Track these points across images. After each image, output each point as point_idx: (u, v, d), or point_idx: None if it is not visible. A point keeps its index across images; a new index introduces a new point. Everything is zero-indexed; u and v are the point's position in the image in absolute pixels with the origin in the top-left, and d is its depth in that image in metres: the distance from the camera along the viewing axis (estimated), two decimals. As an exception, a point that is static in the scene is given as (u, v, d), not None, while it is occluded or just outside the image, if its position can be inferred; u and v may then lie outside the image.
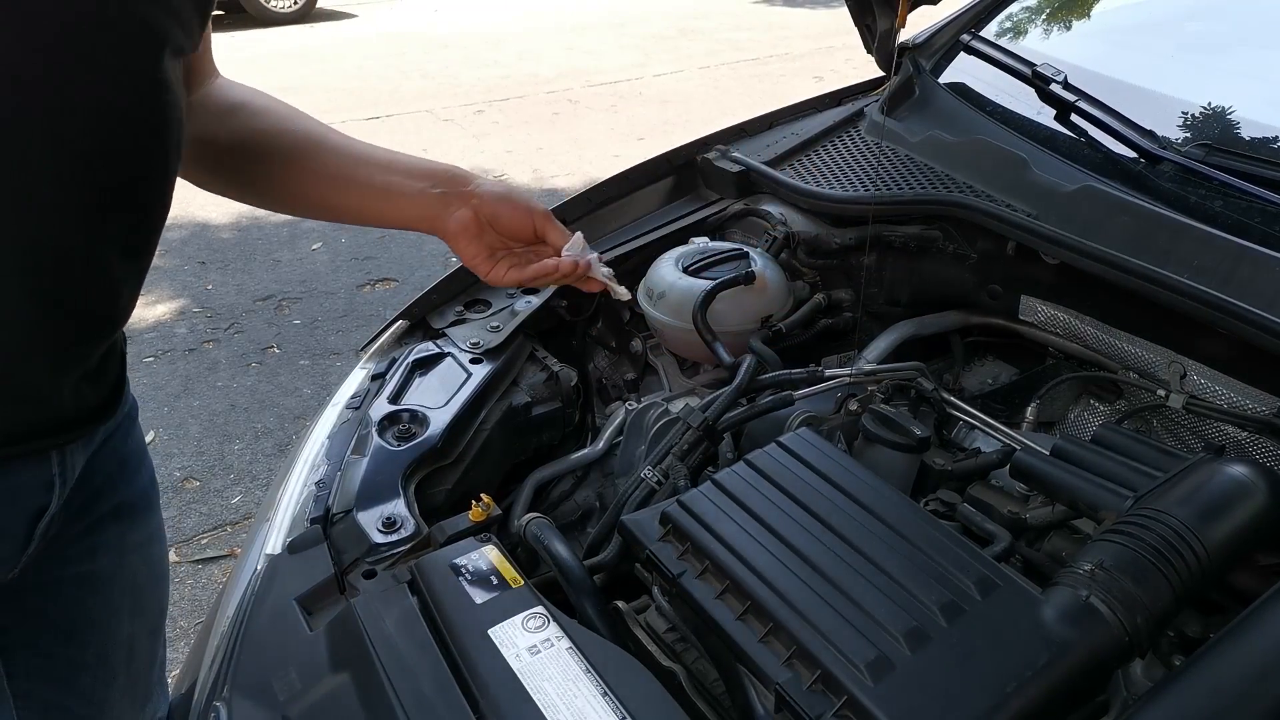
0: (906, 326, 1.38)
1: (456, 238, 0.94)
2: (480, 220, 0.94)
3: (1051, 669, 0.77)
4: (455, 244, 0.95)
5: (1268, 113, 1.35)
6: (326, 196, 0.96)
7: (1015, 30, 1.81)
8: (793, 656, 0.81)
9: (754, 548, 0.90)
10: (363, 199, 0.95)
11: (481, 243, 0.95)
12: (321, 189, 0.96)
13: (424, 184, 0.94)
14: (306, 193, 0.96)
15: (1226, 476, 0.90)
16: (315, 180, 0.95)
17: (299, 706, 0.86)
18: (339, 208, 0.97)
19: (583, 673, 0.81)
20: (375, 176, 0.95)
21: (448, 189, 0.94)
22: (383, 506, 1.04)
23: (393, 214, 0.96)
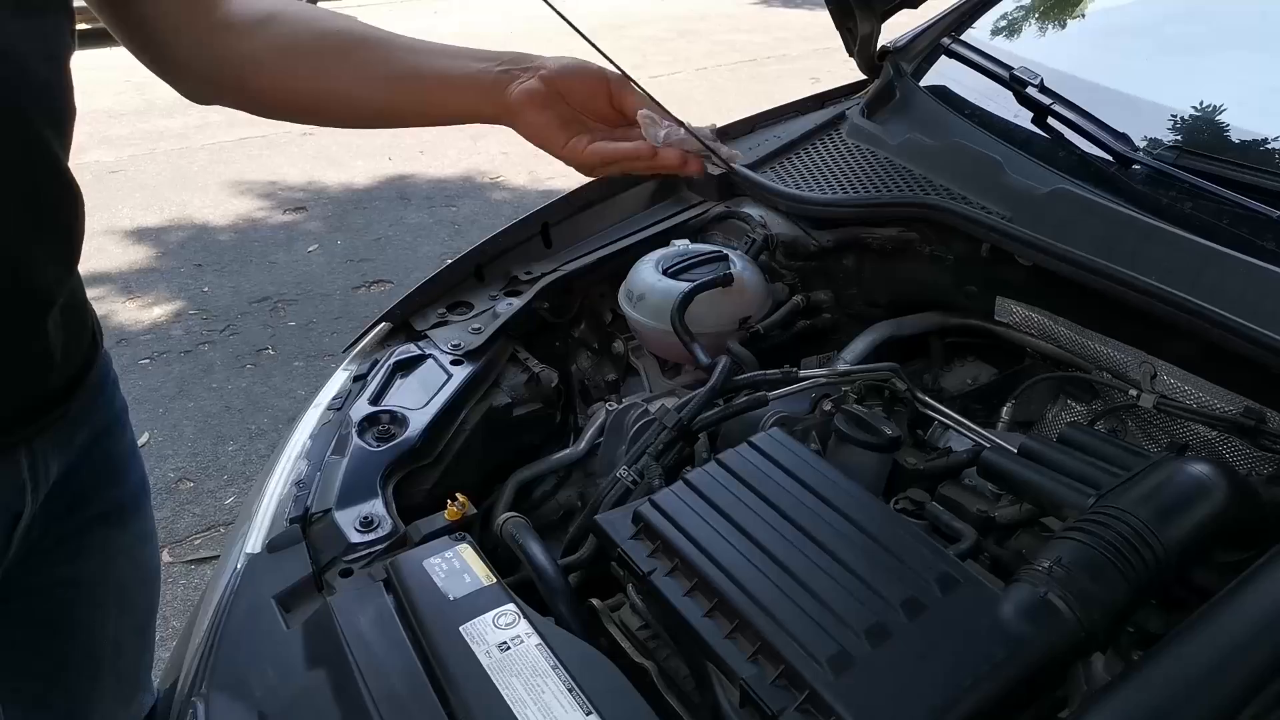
0: (885, 327, 1.40)
1: (522, 109, 0.82)
2: (549, 90, 0.81)
3: (1009, 663, 0.78)
4: (521, 118, 0.82)
5: (1241, 116, 1.37)
6: (379, 96, 0.88)
7: (1009, 29, 1.83)
8: (758, 652, 0.83)
9: (722, 546, 0.91)
10: (419, 92, 0.87)
11: (553, 113, 0.82)
12: (372, 89, 0.87)
13: (484, 63, 0.84)
14: (357, 97, 0.88)
15: (1186, 475, 0.91)
16: (365, 81, 0.87)
17: (275, 703, 0.87)
18: (394, 107, 0.89)
19: (550, 668, 0.83)
20: (428, 64, 0.86)
21: (511, 65, 0.83)
22: (361, 506, 1.05)
23: (454, 102, 0.86)
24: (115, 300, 3.56)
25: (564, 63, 0.83)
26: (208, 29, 0.87)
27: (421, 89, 0.86)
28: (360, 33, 0.89)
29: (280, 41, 0.87)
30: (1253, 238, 1.13)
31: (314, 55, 0.87)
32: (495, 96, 0.82)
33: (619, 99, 0.81)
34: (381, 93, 0.87)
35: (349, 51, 0.88)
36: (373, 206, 4.54)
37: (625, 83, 0.82)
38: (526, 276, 1.43)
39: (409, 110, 0.90)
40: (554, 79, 0.81)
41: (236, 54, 0.87)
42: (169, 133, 5.38)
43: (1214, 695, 0.74)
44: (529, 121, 0.82)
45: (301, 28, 0.88)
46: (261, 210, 4.48)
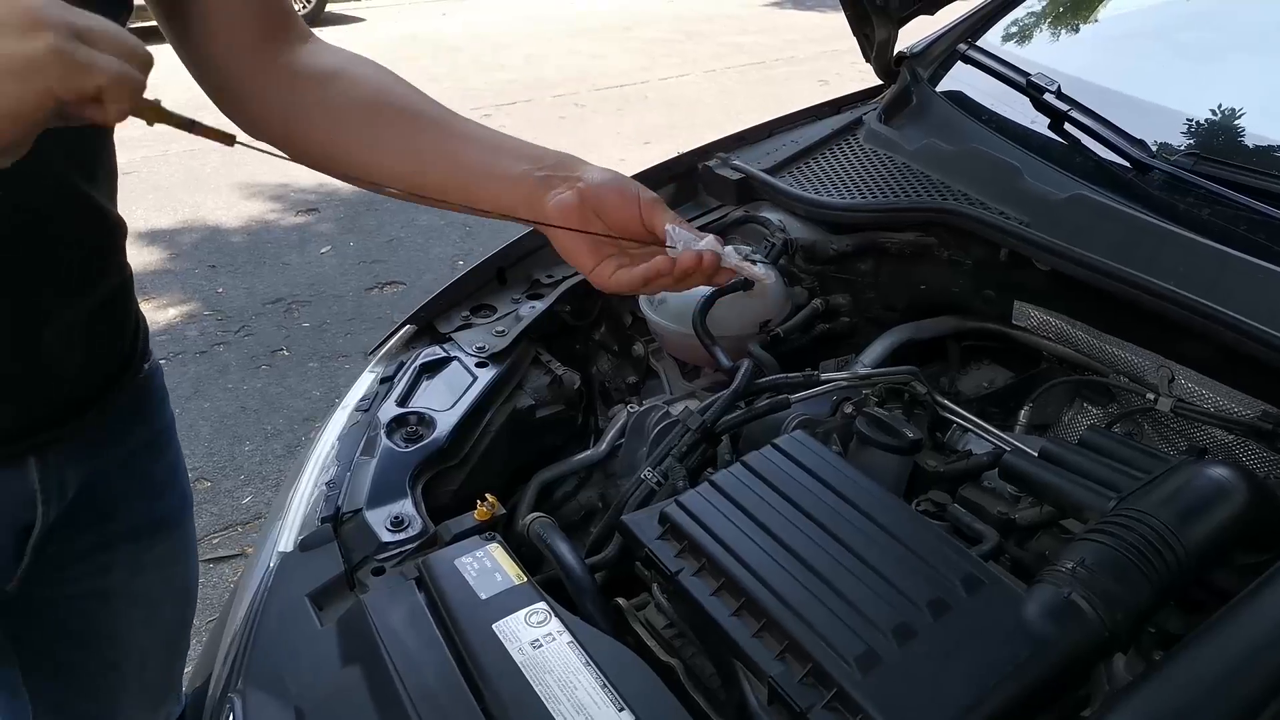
0: (903, 331, 1.41)
1: (555, 224, 0.82)
2: (584, 206, 0.81)
3: (1033, 663, 0.80)
4: (554, 233, 0.83)
5: (1257, 121, 1.38)
6: (420, 177, 0.87)
7: (1021, 35, 1.84)
8: (785, 651, 0.85)
9: (749, 546, 0.93)
10: (460, 181, 0.86)
11: (580, 238, 0.82)
12: (415, 169, 0.87)
13: (526, 165, 0.84)
14: (398, 173, 0.87)
15: (1207, 478, 0.93)
16: (408, 160, 0.87)
17: (311, 699, 0.89)
18: (432, 187, 0.88)
19: (583, 665, 0.84)
20: (475, 157, 0.86)
21: (552, 172, 0.83)
22: (391, 506, 1.07)
23: (491, 198, 0.86)
24: (130, 301, 3.59)
25: (602, 178, 0.82)
26: (271, 71, 0.87)
27: (463, 180, 0.86)
28: (416, 108, 0.88)
29: (337, 102, 0.87)
30: (1269, 243, 1.15)
31: (365, 125, 0.87)
32: (532, 203, 0.83)
33: (649, 217, 0.82)
34: (423, 174, 0.87)
35: (400, 128, 0.87)
36: (384, 208, 4.56)
37: (656, 203, 0.82)
38: (548, 280, 1.45)
39: (444, 193, 0.89)
40: (589, 195, 0.81)
41: (290, 104, 0.87)
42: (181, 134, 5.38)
43: (1233, 695, 0.75)
44: (562, 239, 0.83)
45: (361, 93, 0.88)
46: (274, 212, 4.51)
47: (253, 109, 0.88)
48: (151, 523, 1.03)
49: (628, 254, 0.83)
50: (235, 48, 0.85)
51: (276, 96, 0.87)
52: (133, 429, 0.98)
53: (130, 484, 0.99)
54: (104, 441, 0.94)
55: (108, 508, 0.96)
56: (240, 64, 0.86)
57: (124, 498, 0.98)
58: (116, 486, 0.96)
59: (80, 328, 0.86)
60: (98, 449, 0.93)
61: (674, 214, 0.83)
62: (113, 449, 0.95)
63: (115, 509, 0.97)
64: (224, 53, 0.86)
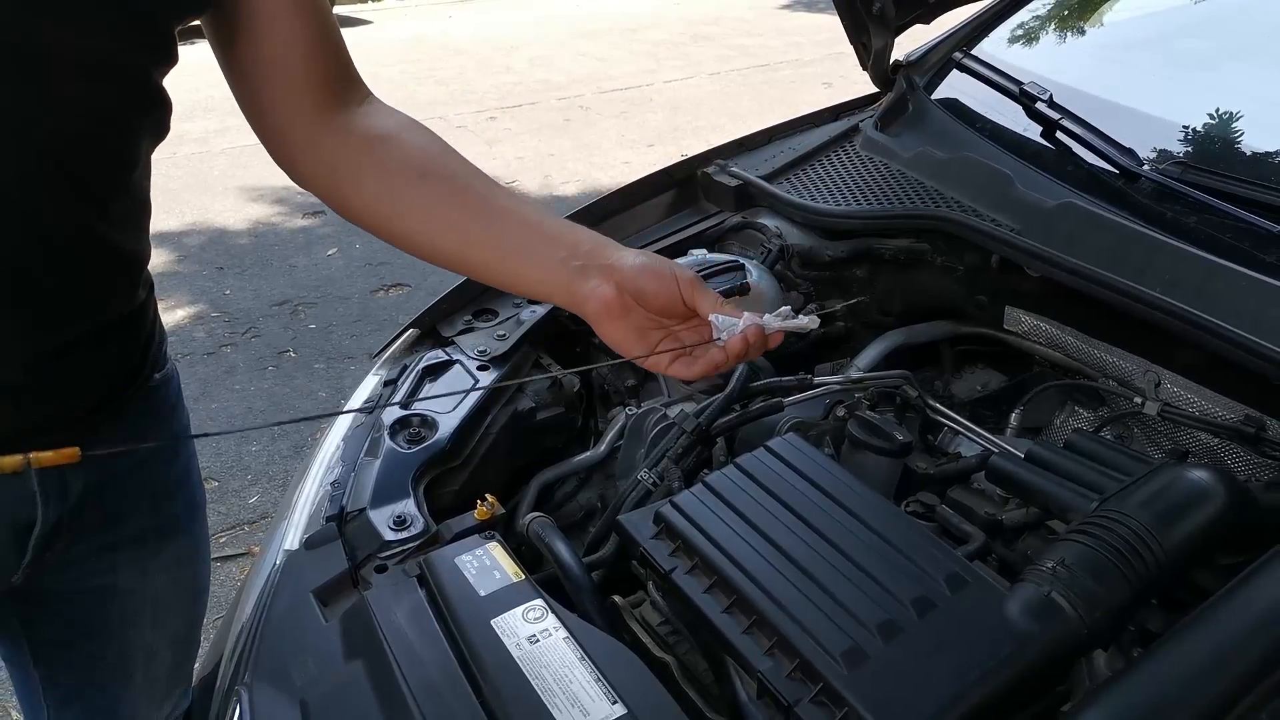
0: (897, 335, 1.44)
1: (599, 321, 0.82)
2: (624, 298, 0.81)
3: (1014, 659, 0.83)
4: (598, 327, 0.83)
5: (1246, 130, 1.40)
6: (463, 250, 0.87)
7: (1022, 40, 1.87)
8: (774, 647, 0.88)
9: (741, 545, 0.96)
10: (498, 262, 0.86)
11: (628, 323, 0.82)
12: (454, 242, 0.87)
13: (562, 253, 0.83)
14: (437, 245, 0.88)
15: (1187, 481, 0.95)
16: (449, 232, 0.87)
17: (315, 692, 0.92)
18: (470, 265, 0.89)
19: (577, 660, 0.87)
20: (515, 238, 0.85)
21: (586, 261, 0.82)
22: (394, 506, 1.10)
23: (523, 282, 0.87)
24: (138, 302, 3.62)
25: (636, 264, 0.81)
26: (326, 128, 0.87)
27: (501, 261, 0.86)
28: (464, 182, 0.88)
29: (387, 166, 0.87)
30: (1256, 252, 1.17)
31: (412, 192, 0.87)
32: (572, 294, 0.83)
33: (690, 299, 0.81)
34: (462, 249, 0.87)
35: (446, 200, 0.87)
36: (390, 210, 4.60)
37: (695, 283, 0.81)
38: None
39: (485, 274, 0.89)
40: (627, 285, 0.81)
41: (340, 160, 0.88)
42: (189, 137, 5.45)
43: (1207, 691, 0.78)
44: (607, 332, 0.83)
45: (413, 160, 0.87)
46: (280, 214, 4.55)
47: (303, 161, 0.89)
48: (160, 526, 1.04)
49: (675, 335, 0.83)
50: (293, 101, 0.86)
51: (329, 153, 0.88)
52: (145, 434, 0.99)
53: (141, 489, 0.99)
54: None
55: (115, 511, 0.97)
56: (295, 117, 0.87)
57: (133, 502, 0.99)
58: (126, 491, 0.97)
59: (86, 348, 0.86)
60: (105, 457, 0.89)
61: (712, 293, 0.82)
62: (119, 457, 0.94)
63: (123, 512, 0.98)
64: (280, 104, 0.86)
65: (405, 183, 0.87)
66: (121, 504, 0.97)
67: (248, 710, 0.92)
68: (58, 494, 0.89)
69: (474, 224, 0.86)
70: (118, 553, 1.00)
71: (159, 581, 1.07)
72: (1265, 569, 0.87)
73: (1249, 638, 0.82)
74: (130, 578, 1.03)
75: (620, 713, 0.82)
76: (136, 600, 1.06)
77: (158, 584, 1.07)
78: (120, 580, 1.02)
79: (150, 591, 1.06)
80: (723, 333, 0.81)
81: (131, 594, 1.04)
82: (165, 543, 1.06)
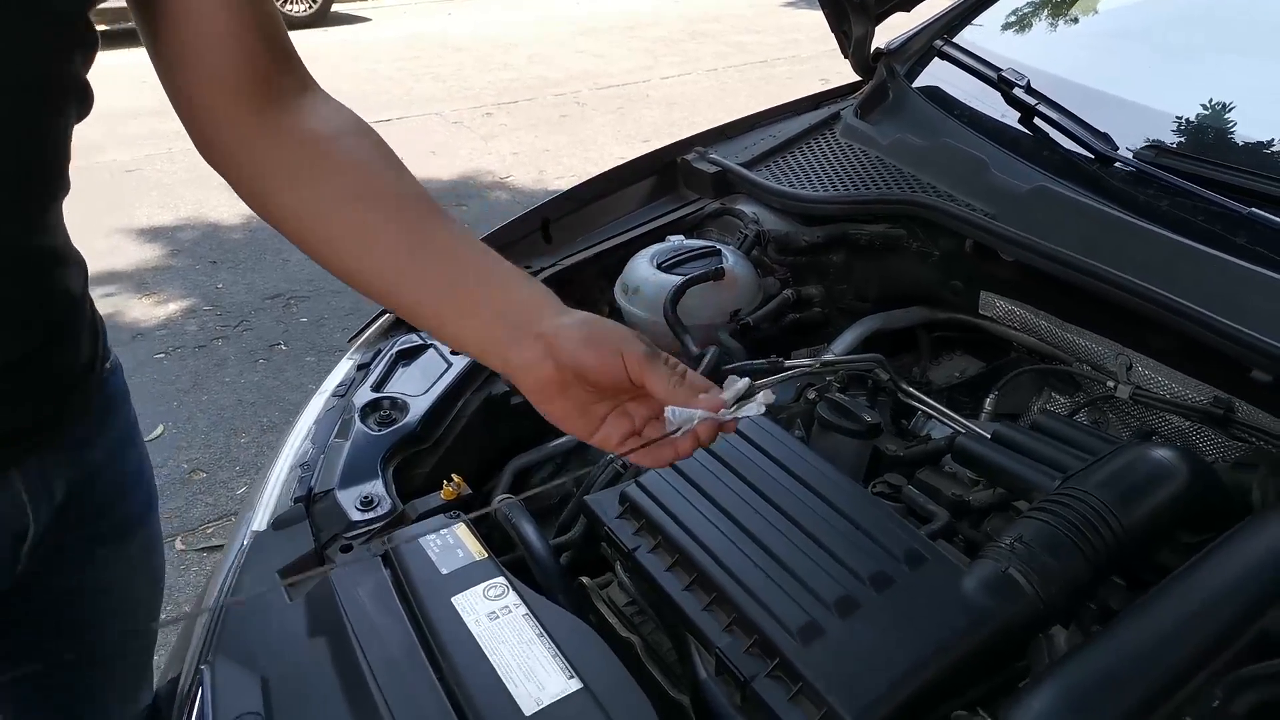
0: (873, 321, 1.44)
1: (534, 397, 0.73)
2: (562, 373, 0.70)
3: (970, 634, 0.83)
4: (534, 403, 0.73)
5: (1221, 117, 1.40)
6: (387, 287, 0.77)
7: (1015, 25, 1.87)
8: (733, 623, 0.88)
9: (703, 524, 0.96)
10: (425, 303, 0.76)
11: (568, 401, 0.72)
12: (386, 277, 0.76)
13: (494, 311, 0.73)
14: (368, 275, 0.77)
15: (1149, 460, 0.95)
16: (380, 264, 0.76)
17: (278, 669, 0.92)
18: (398, 303, 0.78)
19: (536, 636, 0.87)
20: (445, 281, 0.75)
21: (520, 325, 0.72)
22: (362, 486, 1.10)
23: (454, 338, 0.78)
24: (131, 297, 3.63)
25: (578, 337, 0.70)
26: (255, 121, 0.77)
27: (431, 308, 0.76)
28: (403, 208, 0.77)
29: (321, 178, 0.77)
30: (1225, 234, 1.17)
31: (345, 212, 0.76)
32: (503, 361, 0.73)
33: (640, 378, 0.69)
34: (394, 288, 0.77)
35: (379, 228, 0.76)
36: (385, 205, 4.60)
37: (644, 359, 0.69)
38: (526, 270, 1.48)
39: (415, 319, 0.80)
40: (566, 360, 0.70)
41: (272, 164, 0.78)
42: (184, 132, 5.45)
43: (1161, 667, 0.78)
44: (544, 409, 0.74)
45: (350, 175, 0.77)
46: (275, 209, 4.54)
47: (232, 163, 0.79)
48: (127, 519, 1.03)
49: (623, 409, 0.73)
50: (222, 94, 0.76)
51: (260, 155, 0.77)
52: (106, 433, 0.97)
53: (109, 485, 0.98)
54: (84, 444, 0.93)
55: (90, 507, 0.96)
56: (224, 112, 0.76)
57: (105, 499, 0.98)
58: (97, 488, 0.96)
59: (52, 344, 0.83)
60: (77, 455, 0.92)
61: (664, 369, 0.70)
62: (92, 450, 0.95)
63: (98, 510, 0.97)
64: (208, 97, 0.76)
65: (339, 201, 0.76)
66: (95, 500, 0.96)
67: (209, 688, 0.92)
68: (46, 498, 0.88)
69: (408, 261, 0.75)
70: (93, 550, 0.99)
71: (127, 574, 1.06)
72: (1222, 547, 0.88)
73: (1204, 614, 0.82)
74: (102, 575, 1.02)
75: (576, 686, 0.82)
76: (106, 597, 1.05)
77: (125, 578, 1.06)
78: (92, 578, 1.01)
79: (119, 586, 1.06)
80: (678, 427, 0.70)
81: (101, 591, 1.03)
82: (133, 534, 1.05)
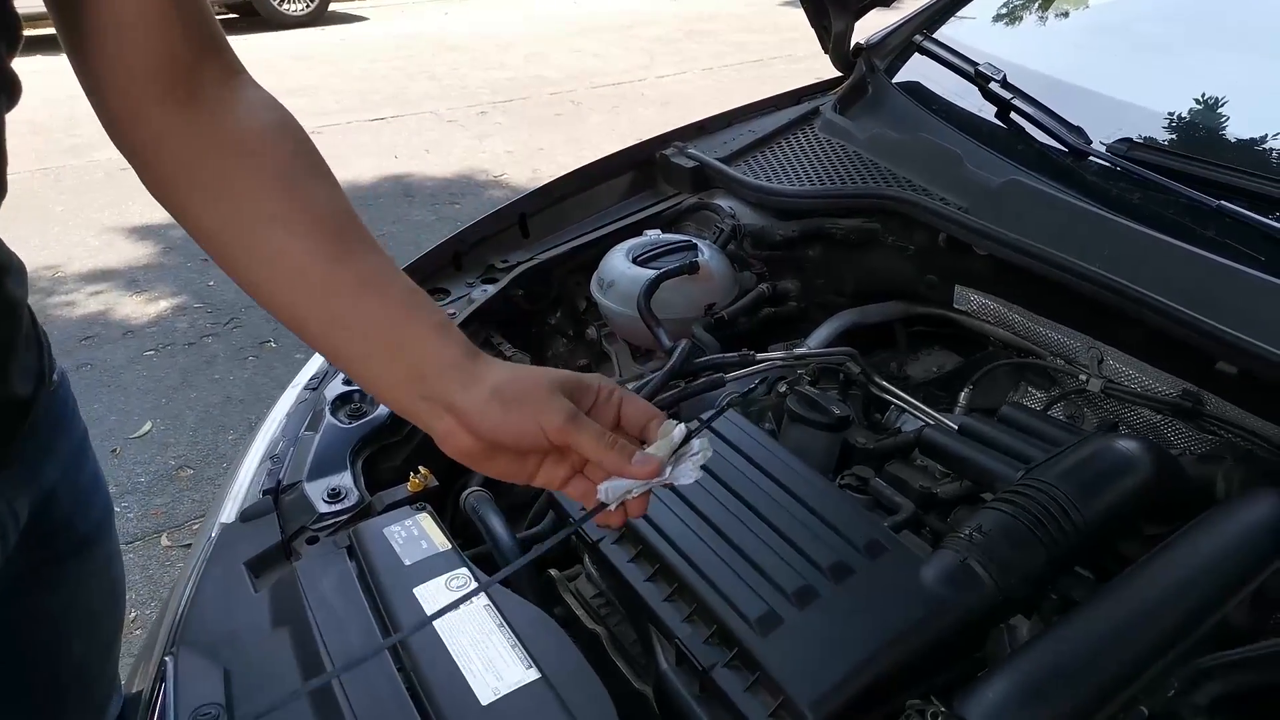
0: (849, 315, 1.44)
1: (461, 461, 0.69)
2: (483, 444, 0.66)
3: (927, 624, 0.83)
4: (465, 464, 0.69)
5: (1198, 111, 1.40)
6: (298, 320, 0.69)
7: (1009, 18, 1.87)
8: (694, 614, 0.88)
9: (667, 516, 0.96)
10: (340, 347, 0.69)
11: (496, 463, 0.68)
12: (298, 308, 0.69)
13: (404, 373, 0.67)
14: (279, 299, 0.69)
15: (1112, 451, 0.95)
16: (292, 293, 0.69)
17: (241, 660, 0.92)
18: (311, 339, 0.70)
19: (496, 627, 0.87)
20: (357, 328, 0.68)
21: (430, 394, 0.66)
22: (330, 479, 1.10)
23: (372, 391, 0.73)
24: (122, 294, 3.63)
25: (492, 414, 0.65)
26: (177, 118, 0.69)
27: (345, 355, 0.70)
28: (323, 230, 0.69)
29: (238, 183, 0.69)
30: (1195, 227, 1.17)
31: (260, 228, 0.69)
32: (424, 424, 0.69)
33: (563, 443, 0.67)
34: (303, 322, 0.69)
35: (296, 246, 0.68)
36: (377, 204, 4.61)
37: (571, 431, 0.65)
38: (503, 265, 1.48)
39: (334, 360, 0.72)
40: (483, 434, 0.66)
41: (188, 163, 0.70)
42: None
43: (1116, 658, 0.78)
44: (477, 469, 0.70)
45: (270, 184, 0.69)
46: (269, 207, 4.54)
47: (147, 160, 0.71)
48: (87, 534, 1.01)
49: (562, 457, 0.69)
50: (135, 83, 0.69)
51: (174, 152, 0.70)
52: (58, 448, 0.94)
53: (65, 502, 0.96)
54: (39, 461, 0.91)
55: (50, 526, 0.94)
56: (138, 104, 0.69)
57: (62, 517, 0.96)
58: (55, 507, 0.94)
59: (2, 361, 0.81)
60: (35, 474, 0.90)
61: (589, 431, 0.66)
62: (48, 467, 0.92)
63: (56, 529, 0.95)
64: (121, 86, 0.69)
65: (254, 221, 0.69)
66: (55, 517, 0.94)
67: (171, 679, 0.92)
68: (14, 522, 0.86)
69: (320, 301, 0.68)
70: (52, 570, 0.97)
71: (88, 591, 1.04)
72: (1182, 539, 0.88)
73: (1162, 605, 0.82)
74: (63, 596, 1.00)
75: (534, 676, 0.82)
76: (67, 617, 1.02)
77: (87, 594, 1.04)
78: (53, 600, 0.99)
79: (81, 604, 1.03)
80: (612, 503, 0.69)
81: (61, 612, 1.01)
82: (93, 549, 1.02)
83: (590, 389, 0.70)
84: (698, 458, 0.71)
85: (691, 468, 0.70)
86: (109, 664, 1.14)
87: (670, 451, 0.70)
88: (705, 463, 0.71)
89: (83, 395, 3.12)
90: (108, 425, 2.87)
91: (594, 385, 0.71)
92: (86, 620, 1.05)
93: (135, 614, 2.21)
